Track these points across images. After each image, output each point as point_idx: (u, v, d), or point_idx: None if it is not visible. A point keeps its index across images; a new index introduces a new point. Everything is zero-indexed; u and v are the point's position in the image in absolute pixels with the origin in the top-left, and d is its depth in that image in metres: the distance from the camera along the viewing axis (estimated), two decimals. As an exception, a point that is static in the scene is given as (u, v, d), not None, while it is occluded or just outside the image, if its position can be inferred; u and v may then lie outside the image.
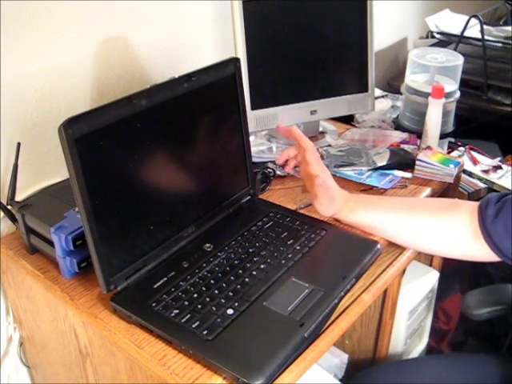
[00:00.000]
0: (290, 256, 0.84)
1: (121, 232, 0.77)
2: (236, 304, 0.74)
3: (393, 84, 1.67)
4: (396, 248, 0.98)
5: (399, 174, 1.09)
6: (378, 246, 0.88)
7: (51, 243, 0.82)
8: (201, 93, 0.86)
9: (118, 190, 0.76)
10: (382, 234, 0.91)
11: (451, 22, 1.80)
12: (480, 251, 0.85)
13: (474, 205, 0.87)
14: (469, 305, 1.14)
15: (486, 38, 1.60)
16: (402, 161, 1.12)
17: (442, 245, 0.89)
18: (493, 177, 1.32)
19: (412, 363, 1.20)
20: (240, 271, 0.81)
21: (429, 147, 1.14)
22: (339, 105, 1.21)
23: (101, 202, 0.73)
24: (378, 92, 1.42)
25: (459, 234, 0.86)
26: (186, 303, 0.75)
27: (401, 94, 1.34)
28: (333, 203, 0.92)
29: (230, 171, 0.96)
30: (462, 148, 1.41)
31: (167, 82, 0.83)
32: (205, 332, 0.70)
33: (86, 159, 0.70)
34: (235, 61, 0.90)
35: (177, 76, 0.83)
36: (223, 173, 0.94)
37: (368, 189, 1.05)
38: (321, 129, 1.27)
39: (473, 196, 1.35)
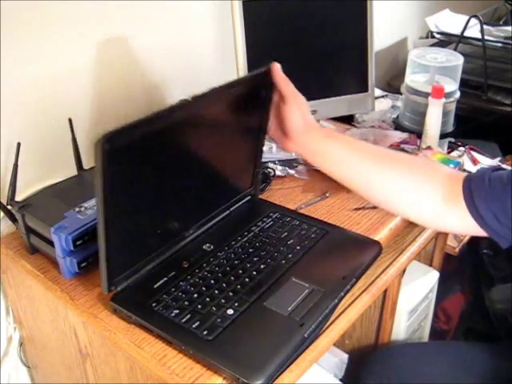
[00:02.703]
0: (290, 256, 0.84)
1: (129, 235, 0.77)
2: (236, 304, 0.74)
3: (393, 84, 1.67)
4: (396, 248, 0.99)
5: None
6: (379, 245, 0.88)
7: (51, 243, 0.82)
8: (234, 102, 0.84)
9: (138, 199, 0.75)
10: (347, 176, 0.87)
11: (451, 21, 1.80)
12: (452, 219, 0.80)
13: (453, 171, 0.84)
14: (493, 299, 1.15)
15: (486, 38, 1.60)
16: (402, 161, 1.12)
17: (410, 205, 0.84)
18: (493, 177, 1.32)
19: (428, 347, 1.21)
20: (240, 271, 0.81)
21: (429, 147, 1.14)
22: (339, 105, 1.21)
23: (120, 212, 0.72)
24: (377, 92, 1.42)
25: (431, 198, 0.81)
26: (186, 303, 0.75)
27: (401, 93, 1.34)
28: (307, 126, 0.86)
29: (238, 173, 0.95)
30: (461, 148, 1.40)
31: (207, 93, 0.77)
32: (205, 332, 0.70)
33: (114, 170, 0.67)
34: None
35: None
36: (231, 175, 0.94)
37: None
38: (321, 129, 1.27)
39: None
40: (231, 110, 0.85)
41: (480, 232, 0.78)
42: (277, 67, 0.86)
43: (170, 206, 0.82)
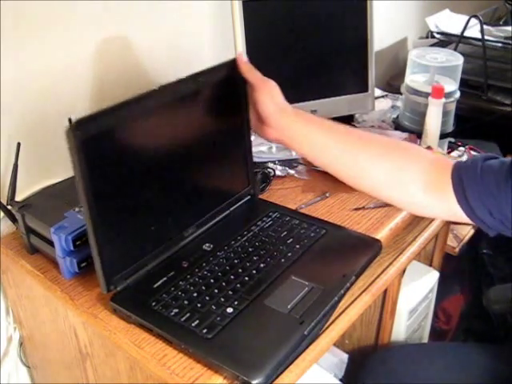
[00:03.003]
0: (289, 255, 0.84)
1: (123, 233, 0.77)
2: (236, 303, 0.74)
3: (393, 84, 1.67)
4: (396, 248, 0.99)
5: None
6: (379, 244, 0.88)
7: (51, 243, 0.82)
8: (207, 92, 0.85)
9: (122, 192, 0.76)
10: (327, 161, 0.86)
11: (451, 21, 1.80)
12: (436, 206, 0.80)
13: (437, 156, 0.83)
14: (490, 299, 1.15)
15: (486, 38, 1.60)
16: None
17: (393, 191, 0.83)
18: (493, 177, 1.32)
19: (427, 348, 1.21)
20: (240, 270, 0.81)
21: (429, 147, 1.14)
22: (339, 105, 1.21)
23: (105, 204, 0.72)
24: (377, 92, 1.42)
25: (415, 184, 0.79)
26: (186, 302, 0.75)
27: (401, 93, 1.34)
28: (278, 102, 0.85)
29: (231, 171, 0.96)
30: (461, 148, 1.41)
31: (175, 82, 0.81)
32: (204, 331, 0.70)
33: (92, 161, 0.69)
34: None
35: (179, 76, 0.83)
36: (224, 173, 0.94)
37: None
38: (321, 129, 1.27)
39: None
40: (210, 103, 0.86)
41: (466, 220, 0.78)
42: (240, 57, 0.87)
43: (160, 203, 0.82)
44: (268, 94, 0.85)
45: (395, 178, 0.82)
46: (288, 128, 0.85)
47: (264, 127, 0.87)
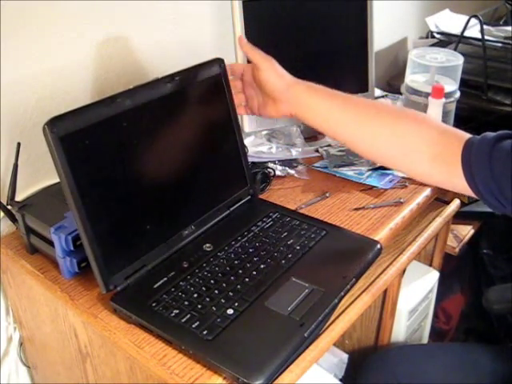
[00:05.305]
0: (290, 256, 0.84)
1: (116, 231, 0.77)
2: (236, 304, 0.74)
3: (393, 84, 1.67)
4: (396, 248, 0.99)
5: (399, 173, 1.09)
6: (378, 245, 0.88)
7: (51, 243, 0.82)
8: (186, 93, 0.87)
9: (109, 189, 0.77)
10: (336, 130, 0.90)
11: (451, 22, 1.80)
12: (440, 176, 0.83)
13: (445, 127, 0.85)
14: (490, 299, 1.15)
15: (486, 38, 1.60)
16: (402, 161, 1.11)
17: (401, 160, 0.87)
18: (493, 177, 1.32)
19: (426, 349, 1.21)
20: (240, 271, 0.81)
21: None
22: (339, 105, 1.20)
23: (92, 201, 0.73)
24: (377, 92, 1.42)
25: (419, 151, 0.83)
26: (186, 303, 0.75)
27: (401, 93, 1.34)
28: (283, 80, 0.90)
29: (226, 171, 0.96)
30: (462, 148, 1.40)
31: (150, 82, 0.84)
32: (205, 332, 0.70)
33: (72, 158, 0.71)
34: (220, 61, 0.92)
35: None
36: (219, 172, 0.94)
37: (368, 189, 1.05)
38: (321, 129, 1.27)
39: (472, 197, 1.34)
40: (194, 102, 0.88)
41: (468, 194, 0.81)
42: (241, 39, 0.94)
43: (153, 202, 0.82)
44: (273, 71, 0.90)
45: (403, 143, 0.85)
46: (298, 100, 0.90)
47: (275, 105, 0.91)
